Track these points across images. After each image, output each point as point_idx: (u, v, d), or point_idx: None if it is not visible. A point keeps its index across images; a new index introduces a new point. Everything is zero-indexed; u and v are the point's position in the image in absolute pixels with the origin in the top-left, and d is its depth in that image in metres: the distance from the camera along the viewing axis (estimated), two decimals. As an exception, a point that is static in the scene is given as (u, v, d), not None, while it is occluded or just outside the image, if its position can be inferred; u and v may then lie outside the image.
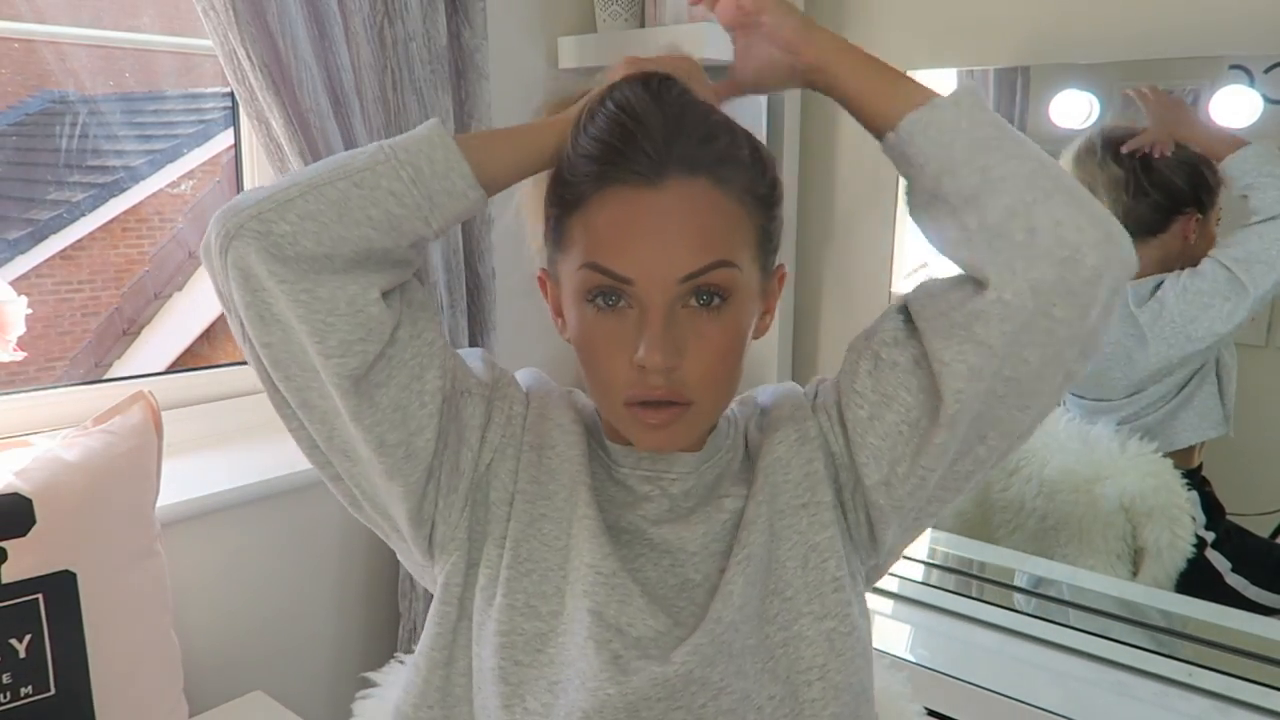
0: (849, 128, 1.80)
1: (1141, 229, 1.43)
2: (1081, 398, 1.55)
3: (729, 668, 0.69)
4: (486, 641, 0.72)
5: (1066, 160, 1.48)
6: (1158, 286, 1.42)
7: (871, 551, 0.77)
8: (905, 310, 0.73)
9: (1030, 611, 1.54)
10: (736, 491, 0.76)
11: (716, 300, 0.68)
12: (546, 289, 0.78)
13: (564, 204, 0.71)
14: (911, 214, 0.73)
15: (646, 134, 0.66)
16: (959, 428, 0.68)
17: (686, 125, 0.68)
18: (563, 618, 0.72)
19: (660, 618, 0.71)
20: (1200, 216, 1.42)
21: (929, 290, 0.71)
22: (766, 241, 0.73)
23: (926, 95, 0.69)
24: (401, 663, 1.03)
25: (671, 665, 0.68)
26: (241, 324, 0.69)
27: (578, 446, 0.77)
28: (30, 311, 1.26)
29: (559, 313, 0.77)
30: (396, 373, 0.69)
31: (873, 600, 1.61)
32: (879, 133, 0.71)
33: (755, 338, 0.75)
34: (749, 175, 0.70)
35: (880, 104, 0.71)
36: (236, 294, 0.67)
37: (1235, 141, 1.34)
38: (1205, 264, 1.37)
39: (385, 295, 0.69)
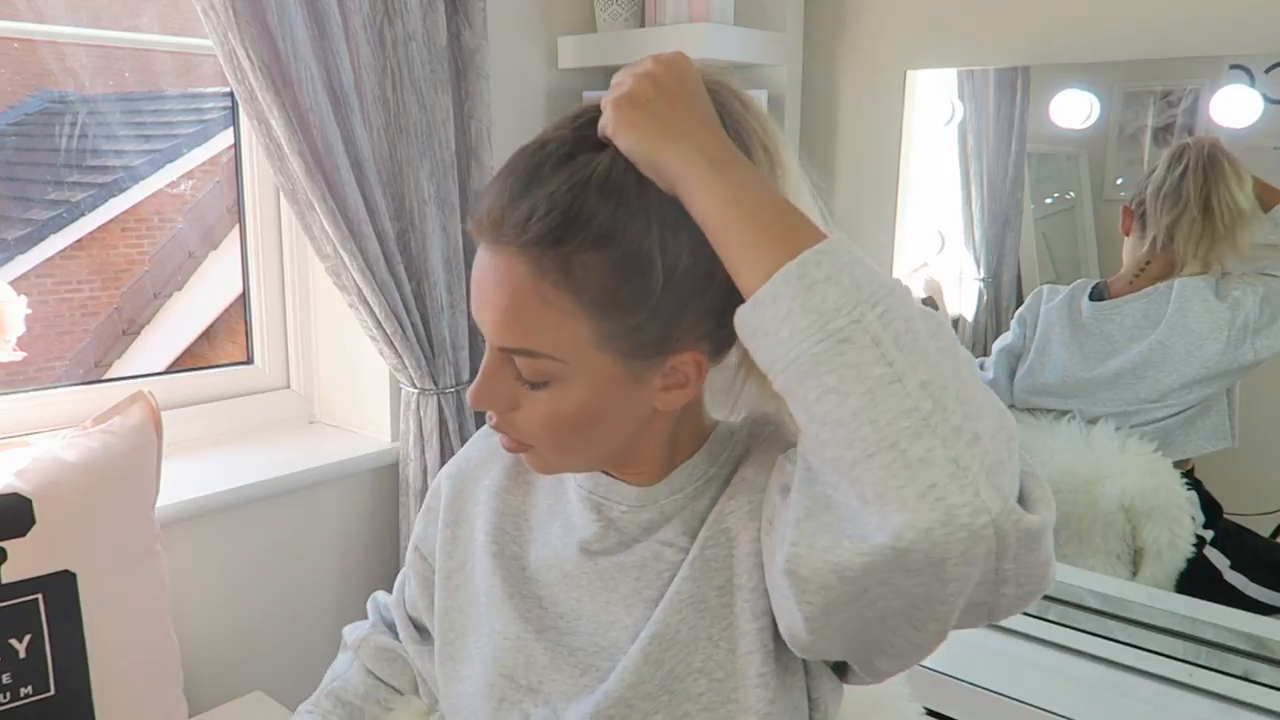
0: (849, 127, 1.80)
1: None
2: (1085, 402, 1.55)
3: None
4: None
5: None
6: (1219, 282, 1.44)
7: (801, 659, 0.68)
8: None
9: (1030, 611, 1.54)
10: (683, 544, 0.70)
11: (533, 380, 0.64)
12: None
13: None
14: None
15: (502, 186, 0.62)
16: (813, 652, 0.61)
17: (530, 202, 0.60)
18: (474, 680, 0.76)
19: (566, 671, 0.71)
20: None
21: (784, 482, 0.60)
22: (635, 337, 0.62)
23: (763, 275, 0.54)
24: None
25: None
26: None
27: (490, 499, 0.80)
28: (30, 311, 1.26)
29: None
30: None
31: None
32: None
33: (664, 409, 0.67)
34: (599, 274, 0.60)
35: (729, 269, 0.58)
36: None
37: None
38: (1274, 281, 1.40)
39: None
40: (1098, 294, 1.55)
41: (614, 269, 0.60)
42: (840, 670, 0.70)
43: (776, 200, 0.58)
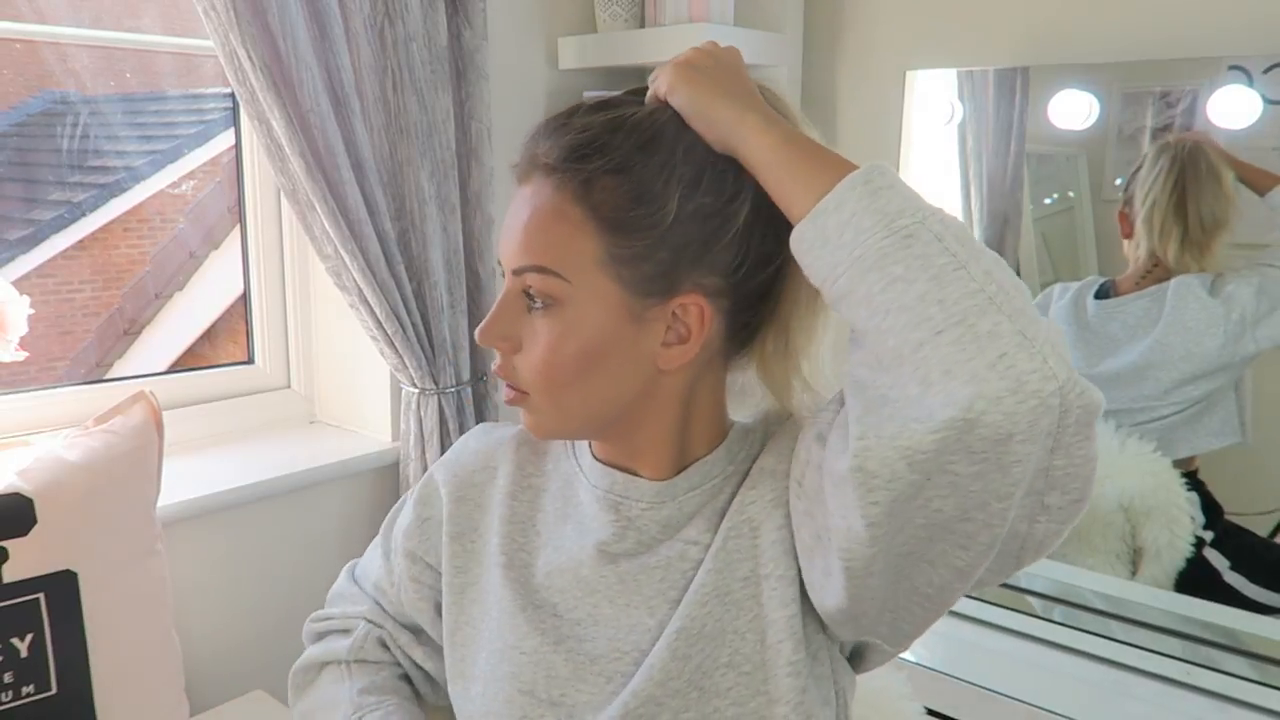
0: (849, 128, 1.81)
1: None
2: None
3: None
4: None
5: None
6: (1215, 279, 1.44)
7: (832, 638, 0.69)
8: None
9: (1030, 611, 1.54)
10: (705, 540, 0.70)
11: (539, 304, 0.67)
12: None
13: None
14: None
15: (538, 130, 0.69)
16: (860, 580, 0.59)
17: (566, 130, 0.67)
18: (487, 698, 0.74)
19: (590, 681, 0.70)
20: None
21: (843, 409, 0.61)
22: (631, 260, 0.65)
23: (821, 193, 0.58)
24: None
25: None
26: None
27: (499, 507, 0.79)
28: (32, 311, 1.26)
29: None
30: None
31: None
32: None
33: (665, 368, 0.68)
34: (617, 193, 0.64)
35: (783, 202, 0.62)
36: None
37: (1274, 176, 1.37)
38: (1270, 270, 1.39)
39: None
40: (1103, 292, 1.56)
41: (627, 193, 0.65)
42: (854, 660, 0.72)
43: (820, 145, 0.63)
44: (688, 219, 0.65)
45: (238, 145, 1.62)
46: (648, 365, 0.68)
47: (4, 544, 1.08)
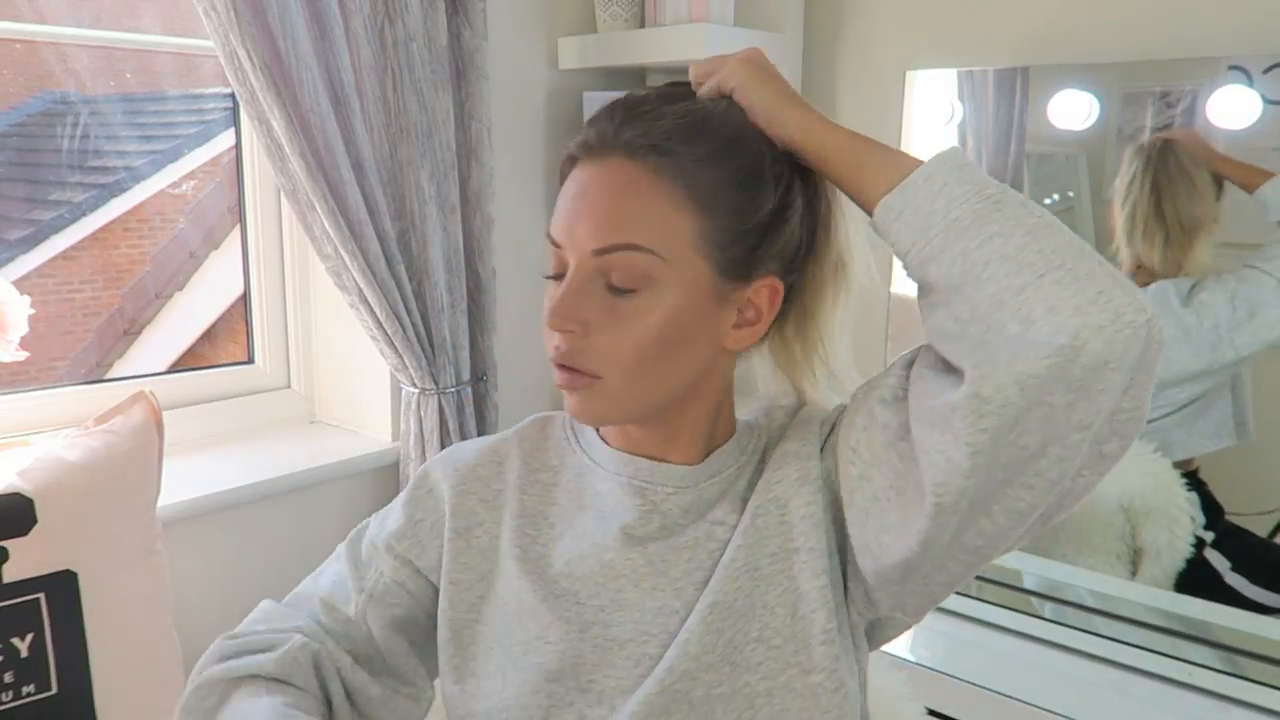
0: (849, 126, 1.80)
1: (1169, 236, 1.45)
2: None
3: (689, 716, 0.68)
4: None
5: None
6: (1193, 286, 1.43)
7: (868, 607, 0.72)
8: (910, 366, 0.69)
9: (1030, 611, 1.54)
10: (732, 520, 0.73)
11: (627, 285, 0.67)
12: None
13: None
14: (917, 296, 0.68)
15: (609, 114, 0.69)
16: (946, 518, 0.62)
17: (649, 112, 0.68)
18: (506, 693, 0.72)
19: (619, 665, 0.70)
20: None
21: (927, 361, 0.66)
22: (723, 242, 0.69)
23: (900, 173, 0.65)
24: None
25: (619, 715, 0.68)
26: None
27: (511, 501, 0.78)
28: (32, 311, 1.26)
29: None
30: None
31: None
32: (867, 212, 0.69)
33: (732, 348, 0.72)
34: (712, 177, 0.68)
35: (855, 186, 0.68)
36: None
37: (1261, 171, 1.36)
38: (1247, 272, 1.38)
39: None
40: None
41: (731, 174, 0.68)
42: (869, 637, 0.75)
43: (876, 140, 0.69)
44: (775, 206, 0.70)
45: (238, 145, 1.62)
46: (716, 347, 0.72)
47: (4, 544, 1.08)
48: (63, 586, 1.11)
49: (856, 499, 0.68)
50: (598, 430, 0.79)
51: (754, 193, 0.69)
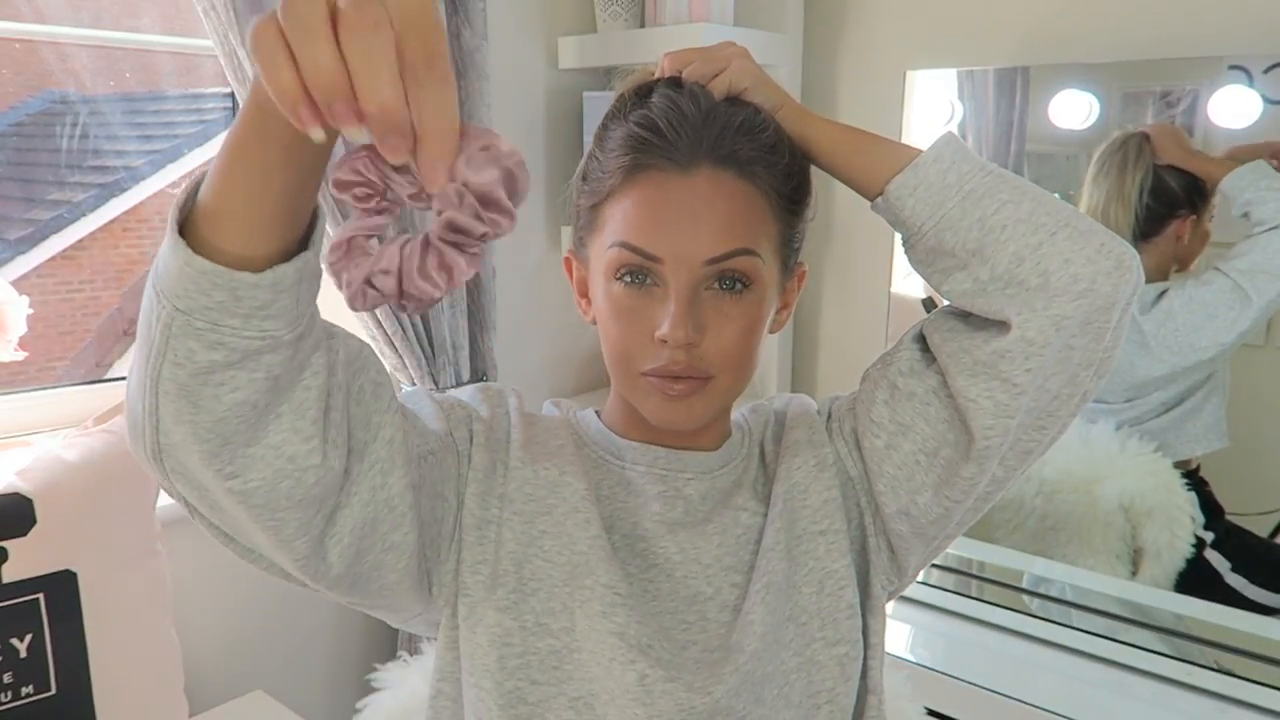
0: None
1: (1136, 234, 1.44)
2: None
3: (750, 696, 0.70)
4: (490, 668, 0.69)
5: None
6: (1161, 294, 1.43)
7: (894, 575, 0.78)
8: (922, 339, 0.74)
9: (1030, 611, 1.54)
10: (754, 507, 0.76)
11: (739, 286, 0.70)
12: (572, 271, 0.80)
13: (596, 194, 0.73)
14: (914, 266, 0.73)
15: (684, 123, 0.70)
16: (989, 461, 0.69)
17: (721, 119, 0.70)
18: (576, 634, 0.70)
19: (676, 635, 0.72)
20: (1194, 217, 1.42)
21: (948, 325, 0.71)
22: (789, 240, 0.75)
23: (905, 157, 0.71)
24: (406, 661, 1.03)
25: (705, 697, 0.69)
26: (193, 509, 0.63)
27: (573, 460, 0.75)
28: (31, 311, 1.26)
29: (584, 294, 0.78)
30: (355, 516, 0.62)
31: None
32: (867, 197, 0.73)
33: (772, 332, 0.77)
34: (777, 175, 0.72)
35: (859, 174, 0.73)
36: (188, 495, 0.61)
37: (1228, 163, 1.36)
38: (1210, 274, 1.38)
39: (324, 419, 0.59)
40: None
41: (799, 182, 0.74)
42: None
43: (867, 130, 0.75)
44: (805, 185, 0.76)
45: (237, 145, 1.62)
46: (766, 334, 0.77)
47: (4, 544, 1.08)
48: (62, 587, 1.11)
49: (886, 468, 0.73)
50: (604, 425, 0.80)
51: (805, 192, 0.75)
